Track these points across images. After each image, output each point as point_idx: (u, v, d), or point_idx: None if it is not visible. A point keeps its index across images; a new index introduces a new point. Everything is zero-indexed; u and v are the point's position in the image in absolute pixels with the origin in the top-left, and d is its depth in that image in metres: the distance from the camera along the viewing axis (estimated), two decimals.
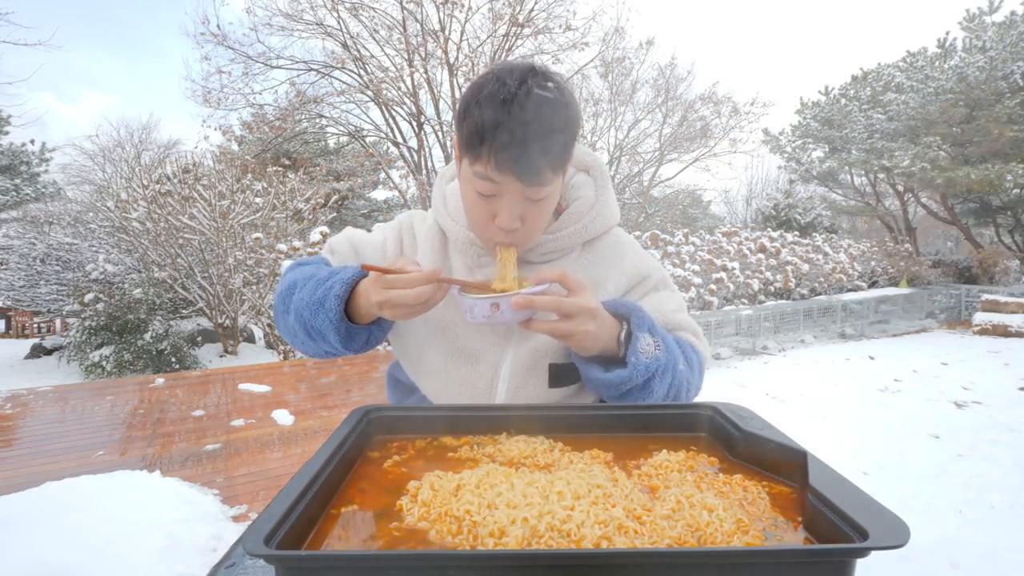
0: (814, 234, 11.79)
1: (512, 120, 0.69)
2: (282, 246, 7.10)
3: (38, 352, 8.80)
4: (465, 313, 0.77)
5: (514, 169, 0.72)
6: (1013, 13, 10.20)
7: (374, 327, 0.83)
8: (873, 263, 10.74)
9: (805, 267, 8.86)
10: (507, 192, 0.75)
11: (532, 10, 11.72)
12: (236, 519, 2.58)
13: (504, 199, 0.76)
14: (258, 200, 8.19)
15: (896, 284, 10.50)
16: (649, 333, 0.79)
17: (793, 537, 0.48)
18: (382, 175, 16.52)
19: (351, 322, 0.81)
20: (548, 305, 0.73)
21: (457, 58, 12.08)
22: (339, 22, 11.37)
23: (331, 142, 17.02)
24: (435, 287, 0.74)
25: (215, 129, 11.76)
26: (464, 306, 0.77)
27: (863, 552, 0.39)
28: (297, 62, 11.85)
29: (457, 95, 12.48)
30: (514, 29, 11.78)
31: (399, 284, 0.72)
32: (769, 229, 11.05)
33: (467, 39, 12.12)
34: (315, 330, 0.80)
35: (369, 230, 1.04)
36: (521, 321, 0.76)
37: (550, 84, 0.73)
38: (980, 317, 8.32)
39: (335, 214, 11.57)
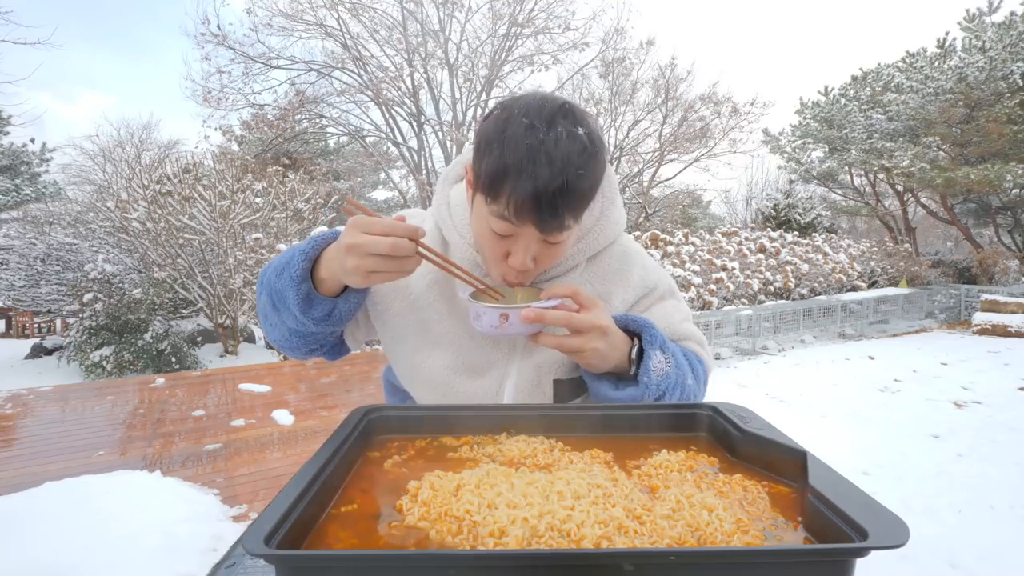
0: (814, 234, 11.79)
1: (538, 170, 0.65)
2: (282, 246, 7.10)
3: (38, 352, 8.81)
4: (472, 320, 0.75)
5: (534, 219, 0.68)
6: (1013, 13, 10.19)
7: (339, 299, 0.78)
8: (873, 263, 10.74)
9: (805, 267, 8.86)
10: (524, 235, 0.72)
11: (532, 10, 11.73)
12: (236, 519, 2.58)
13: (520, 241, 0.73)
14: (258, 200, 8.19)
15: (896, 284, 10.50)
16: (660, 350, 0.77)
17: (793, 537, 0.48)
18: (382, 175, 16.53)
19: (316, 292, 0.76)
20: (559, 320, 0.72)
21: (457, 58, 12.09)
22: (339, 22, 11.40)
23: (331, 142, 17.03)
24: (412, 247, 0.68)
25: (215, 129, 11.79)
26: (472, 312, 0.75)
27: (863, 552, 0.39)
28: (297, 62, 11.87)
29: (457, 95, 12.50)
30: (514, 29, 11.78)
31: (376, 228, 0.66)
32: (769, 229, 11.05)
33: (467, 39, 12.13)
34: (278, 294, 0.76)
35: None
36: (530, 334, 0.75)
37: (580, 131, 0.68)
38: (980, 317, 8.33)
39: (335, 214, 11.58)
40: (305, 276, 0.74)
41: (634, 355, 0.79)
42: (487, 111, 0.74)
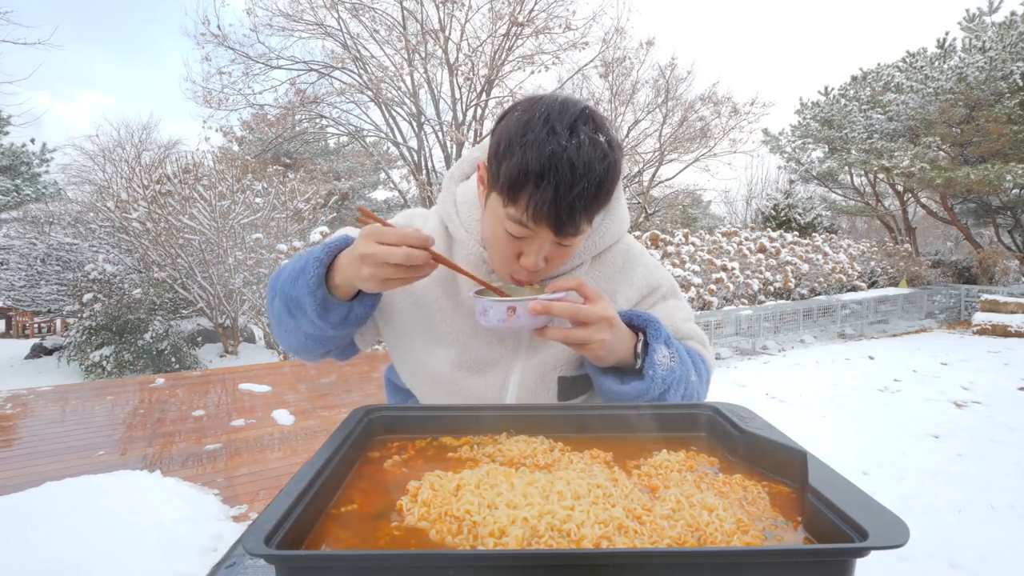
0: (814, 234, 11.79)
1: (560, 177, 0.66)
2: (282, 246, 7.10)
3: (38, 352, 8.82)
4: (479, 315, 0.75)
5: (551, 222, 0.69)
6: (1013, 13, 10.19)
7: (355, 302, 0.78)
8: (873, 263, 10.74)
9: (805, 267, 8.86)
10: (538, 238, 0.72)
11: (532, 10, 11.71)
12: (236, 519, 2.58)
13: (534, 243, 0.73)
14: (258, 200, 8.20)
15: (896, 284, 10.50)
16: (665, 345, 0.78)
17: (793, 537, 0.48)
18: (382, 175, 16.53)
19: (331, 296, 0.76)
20: (565, 312, 0.72)
21: (457, 58, 12.07)
22: (339, 22, 11.38)
23: (331, 142, 17.02)
24: (425, 256, 0.69)
25: (216, 130, 11.77)
26: (479, 308, 0.75)
27: (863, 552, 0.39)
28: (297, 62, 11.85)
29: (457, 95, 12.49)
30: (514, 29, 11.76)
31: (389, 238, 0.67)
32: (769, 229, 11.05)
33: (467, 39, 12.11)
34: (293, 301, 0.76)
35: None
36: (536, 327, 0.75)
37: (601, 137, 0.69)
38: (980, 317, 8.32)
39: (335, 214, 11.58)
40: (320, 282, 0.74)
41: (639, 349, 0.79)
42: (506, 109, 0.74)
